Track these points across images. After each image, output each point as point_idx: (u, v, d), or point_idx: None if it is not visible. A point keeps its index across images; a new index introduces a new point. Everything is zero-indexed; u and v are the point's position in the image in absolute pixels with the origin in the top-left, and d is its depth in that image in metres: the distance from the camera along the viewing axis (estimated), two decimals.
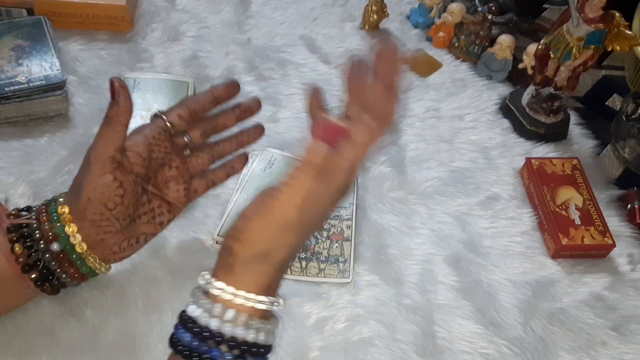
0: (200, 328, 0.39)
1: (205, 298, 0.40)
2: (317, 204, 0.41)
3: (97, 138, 0.46)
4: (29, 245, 0.47)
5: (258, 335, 0.40)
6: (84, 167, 0.47)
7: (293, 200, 0.40)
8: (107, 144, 0.46)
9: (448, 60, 0.83)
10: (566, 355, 0.57)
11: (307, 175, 0.40)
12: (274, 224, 0.40)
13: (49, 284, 0.48)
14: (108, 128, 0.46)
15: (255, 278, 0.40)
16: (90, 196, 0.46)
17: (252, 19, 0.85)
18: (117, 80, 0.46)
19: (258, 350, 0.40)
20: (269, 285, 0.41)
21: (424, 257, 0.62)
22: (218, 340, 0.39)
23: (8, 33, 0.69)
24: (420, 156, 0.71)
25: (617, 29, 0.64)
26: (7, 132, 0.66)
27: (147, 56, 0.77)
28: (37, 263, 0.47)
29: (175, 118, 0.50)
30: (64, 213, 0.47)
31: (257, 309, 0.40)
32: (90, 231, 0.47)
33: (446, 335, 0.57)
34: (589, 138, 0.76)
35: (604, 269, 0.64)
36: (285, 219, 0.40)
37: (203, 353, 0.39)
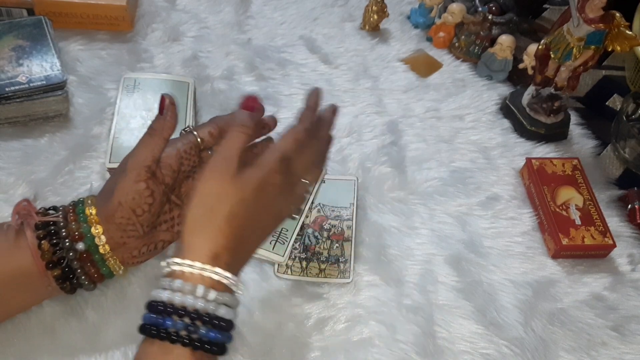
0: (156, 303, 0.43)
1: (165, 278, 0.44)
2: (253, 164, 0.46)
3: (138, 146, 0.49)
4: (55, 243, 0.48)
5: (208, 305, 0.42)
6: (119, 172, 0.49)
7: (225, 152, 0.46)
8: (146, 154, 0.48)
9: (448, 60, 0.83)
10: (566, 355, 0.57)
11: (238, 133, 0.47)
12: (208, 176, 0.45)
13: (68, 283, 0.49)
14: (150, 139, 0.48)
15: (201, 245, 0.43)
16: (121, 200, 0.47)
17: (252, 19, 0.85)
18: (168, 97, 0.49)
19: (212, 321, 0.42)
20: (218, 254, 0.43)
21: (425, 257, 0.62)
22: (169, 310, 0.42)
23: (8, 33, 0.69)
24: (420, 156, 0.71)
25: (617, 29, 0.64)
26: (7, 132, 0.66)
27: (148, 56, 0.77)
28: (61, 261, 0.48)
29: (206, 135, 0.51)
30: (91, 214, 0.48)
31: (212, 279, 0.43)
32: (114, 234, 0.48)
33: (446, 335, 0.57)
34: (589, 138, 0.77)
35: (604, 269, 0.64)
36: (220, 169, 0.45)
37: (159, 325, 0.42)
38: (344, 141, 0.72)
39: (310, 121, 0.52)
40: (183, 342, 0.42)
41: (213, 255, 0.44)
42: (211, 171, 0.45)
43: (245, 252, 0.48)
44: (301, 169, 0.50)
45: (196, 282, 0.43)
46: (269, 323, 0.56)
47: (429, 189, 0.68)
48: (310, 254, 0.61)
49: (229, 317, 0.44)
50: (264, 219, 0.48)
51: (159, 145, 0.48)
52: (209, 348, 0.43)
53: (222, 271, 0.44)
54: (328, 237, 0.62)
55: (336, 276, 0.59)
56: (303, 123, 0.51)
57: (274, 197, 0.48)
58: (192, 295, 0.42)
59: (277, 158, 0.47)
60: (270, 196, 0.47)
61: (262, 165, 0.47)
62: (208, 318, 0.43)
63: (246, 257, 0.48)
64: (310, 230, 0.62)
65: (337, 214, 0.64)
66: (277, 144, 0.49)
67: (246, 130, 0.47)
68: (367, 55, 0.82)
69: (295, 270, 0.59)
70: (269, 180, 0.47)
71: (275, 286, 0.59)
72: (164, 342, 0.42)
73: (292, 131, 0.50)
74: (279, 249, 0.59)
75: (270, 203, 0.48)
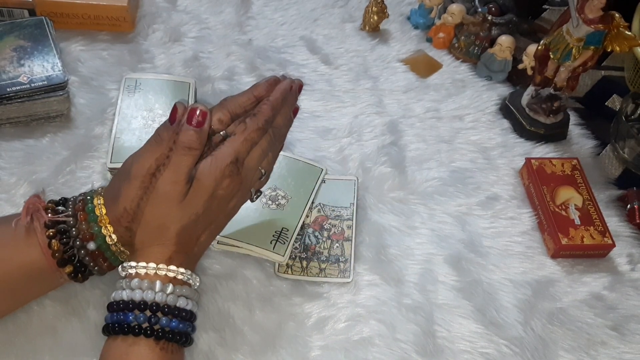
0: (117, 302, 0.46)
1: (121, 280, 0.47)
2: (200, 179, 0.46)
3: (143, 153, 0.47)
4: (65, 242, 0.48)
5: (167, 297, 0.46)
6: (123, 175, 0.48)
7: (173, 177, 0.46)
8: (151, 161, 0.47)
9: (448, 60, 0.83)
10: (566, 354, 0.57)
11: (185, 156, 0.46)
12: (158, 201, 0.46)
13: (80, 275, 0.50)
14: (157, 146, 0.47)
15: (154, 252, 0.47)
16: (126, 207, 0.47)
17: (253, 20, 0.85)
18: (181, 107, 0.47)
19: (172, 311, 0.46)
20: (170, 257, 0.47)
21: (424, 257, 0.63)
22: (130, 306, 0.45)
23: (10, 34, 0.69)
24: (420, 156, 0.72)
25: (616, 30, 0.64)
26: (9, 132, 0.67)
27: (149, 57, 0.78)
28: (72, 258, 0.49)
29: (216, 123, 0.49)
30: (101, 214, 0.48)
31: (167, 276, 0.46)
32: (124, 234, 0.48)
33: (446, 334, 0.57)
34: (588, 138, 0.77)
35: (604, 268, 0.64)
36: (169, 195, 0.46)
37: (121, 322, 0.45)
38: (344, 141, 0.72)
39: (265, 117, 0.50)
40: (146, 333, 0.44)
41: (166, 258, 0.47)
42: (159, 197, 0.46)
43: (199, 250, 0.50)
44: (254, 163, 0.50)
45: (153, 279, 0.46)
46: (270, 322, 0.56)
47: (429, 189, 0.69)
48: (311, 254, 0.61)
49: (189, 308, 0.47)
50: (218, 219, 0.50)
51: (165, 153, 0.47)
52: (172, 337, 0.45)
53: (176, 268, 0.47)
54: (328, 237, 0.62)
55: (336, 276, 0.60)
56: (257, 121, 0.49)
57: (226, 200, 0.49)
58: (150, 290, 0.45)
59: (226, 165, 0.47)
60: (222, 201, 0.48)
61: (210, 176, 0.46)
62: (168, 309, 0.46)
63: (199, 253, 0.51)
64: (310, 230, 0.63)
65: (337, 214, 0.64)
66: (225, 149, 0.47)
67: (192, 152, 0.46)
68: (367, 55, 0.83)
69: (296, 270, 0.60)
70: (218, 190, 0.47)
71: (275, 286, 0.59)
72: (127, 335, 0.44)
73: (242, 131, 0.48)
74: (280, 248, 0.60)
75: (222, 206, 0.49)
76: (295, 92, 0.54)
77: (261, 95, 0.52)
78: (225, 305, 0.57)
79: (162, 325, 0.45)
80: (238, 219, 0.61)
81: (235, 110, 0.50)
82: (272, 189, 0.64)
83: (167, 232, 0.47)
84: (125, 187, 0.47)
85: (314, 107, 0.75)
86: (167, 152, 0.47)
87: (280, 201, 0.63)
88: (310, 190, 0.65)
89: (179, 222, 0.47)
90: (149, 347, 0.45)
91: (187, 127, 0.46)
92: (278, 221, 0.62)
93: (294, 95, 0.54)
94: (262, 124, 0.49)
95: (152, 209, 0.47)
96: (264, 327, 0.56)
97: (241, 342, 0.54)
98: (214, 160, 0.47)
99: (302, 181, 0.65)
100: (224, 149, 0.47)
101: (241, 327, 0.55)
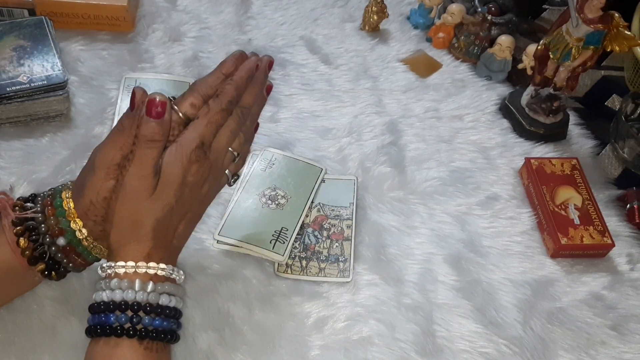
0: (97, 304, 0.45)
1: (100, 281, 0.45)
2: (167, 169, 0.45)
3: (106, 143, 0.46)
4: (35, 239, 0.47)
5: (148, 296, 0.44)
6: (88, 167, 0.47)
7: (139, 172, 0.45)
8: (114, 151, 0.45)
9: (448, 60, 0.83)
10: (565, 354, 0.57)
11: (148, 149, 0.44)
12: (128, 198, 0.45)
13: (55, 273, 0.49)
14: (120, 135, 0.46)
15: (131, 249, 0.45)
16: (92, 199, 0.46)
17: (252, 20, 0.85)
18: (139, 92, 0.46)
19: (155, 310, 0.44)
20: (149, 253, 0.46)
21: (424, 256, 0.63)
22: (111, 307, 0.44)
23: (10, 33, 0.70)
24: (420, 156, 0.72)
25: (616, 30, 0.64)
26: (8, 132, 0.67)
27: (148, 57, 0.78)
28: (43, 255, 0.48)
29: (189, 108, 0.47)
30: (69, 208, 0.47)
31: (147, 274, 0.45)
32: (94, 228, 0.47)
33: (446, 334, 0.57)
34: (588, 138, 0.77)
35: (603, 268, 0.64)
36: (137, 191, 0.45)
37: (103, 323, 0.44)
38: (343, 141, 0.72)
39: (228, 98, 0.48)
40: (128, 333, 0.43)
41: (144, 255, 0.46)
42: (128, 194, 0.45)
43: (178, 242, 0.49)
44: (223, 145, 0.48)
45: (132, 279, 0.45)
46: (269, 322, 0.56)
47: (429, 188, 0.69)
48: (310, 253, 0.61)
49: (173, 305, 0.46)
50: (193, 207, 0.49)
51: (129, 142, 0.45)
52: (156, 336, 0.44)
53: (156, 264, 0.46)
54: (328, 237, 0.62)
55: (336, 275, 0.60)
56: (220, 102, 0.47)
57: (197, 186, 0.47)
58: (130, 290, 0.44)
59: (191, 151, 0.45)
60: (194, 187, 0.47)
61: (176, 165, 0.45)
62: (150, 307, 0.44)
63: (179, 245, 0.49)
64: (310, 230, 0.63)
65: (336, 214, 0.64)
66: (189, 134, 0.46)
67: (155, 144, 0.45)
68: (367, 55, 0.83)
69: (295, 270, 0.60)
70: (187, 177, 0.46)
71: (275, 285, 0.59)
72: (110, 337, 0.43)
73: (205, 114, 0.47)
74: (279, 248, 0.60)
75: (194, 193, 0.47)
76: (264, 69, 0.52)
77: (229, 72, 0.50)
78: (225, 305, 0.57)
79: (144, 325, 0.44)
80: (238, 219, 0.61)
81: (206, 91, 0.48)
82: (272, 188, 0.64)
83: (141, 228, 0.45)
84: (90, 178, 0.46)
85: (313, 107, 0.75)
86: (130, 141, 0.45)
87: (279, 201, 0.63)
88: (310, 189, 0.65)
89: (153, 216, 0.45)
90: (132, 347, 0.44)
91: (147, 119, 0.44)
92: (278, 221, 0.62)
93: (263, 72, 0.52)
94: (226, 104, 0.48)
95: (123, 206, 0.45)
96: (263, 327, 0.56)
97: (241, 341, 0.54)
98: (178, 148, 0.45)
99: (301, 181, 0.65)
100: (187, 134, 0.46)
101: (241, 326, 0.56)
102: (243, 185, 0.64)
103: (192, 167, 0.46)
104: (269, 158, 0.67)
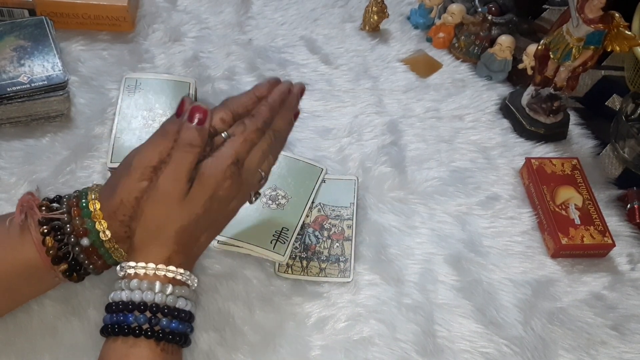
0: (116, 303, 0.46)
1: (119, 281, 0.46)
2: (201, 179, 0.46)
3: (146, 145, 0.47)
4: (60, 239, 0.48)
5: (167, 298, 0.46)
6: (123, 168, 0.47)
7: (174, 175, 0.46)
8: (153, 154, 0.46)
9: (448, 60, 0.83)
10: (566, 354, 0.57)
11: (186, 153, 0.46)
12: (158, 199, 0.46)
13: (76, 274, 0.50)
14: (162, 139, 0.47)
15: (153, 251, 0.46)
16: (123, 199, 0.46)
17: (253, 20, 0.85)
18: (188, 100, 0.47)
19: (172, 312, 0.46)
20: (170, 257, 0.46)
21: (424, 256, 0.63)
22: (130, 307, 0.45)
23: (10, 33, 0.69)
24: (420, 156, 0.72)
25: (616, 30, 0.64)
26: (9, 132, 0.67)
27: (149, 57, 0.78)
28: (67, 255, 0.48)
29: (218, 122, 0.49)
30: (95, 210, 0.47)
31: (166, 277, 0.46)
32: (119, 229, 0.48)
33: (446, 334, 0.57)
34: (588, 138, 0.77)
35: (604, 268, 0.64)
36: (169, 194, 0.46)
37: (121, 323, 0.45)
38: (344, 141, 0.72)
39: (263, 118, 0.50)
40: (146, 334, 0.44)
41: (165, 258, 0.46)
42: (159, 195, 0.46)
43: (198, 250, 0.50)
44: (255, 165, 0.49)
45: (152, 280, 0.46)
46: (270, 322, 0.56)
47: (429, 188, 0.69)
48: (311, 254, 0.61)
49: (189, 309, 0.47)
50: (217, 220, 0.50)
51: (168, 146, 0.46)
52: (172, 338, 0.45)
53: (176, 268, 0.47)
54: (328, 237, 0.62)
55: (336, 275, 0.60)
56: (255, 121, 0.49)
57: (226, 201, 0.48)
58: (150, 291, 0.45)
59: (227, 166, 0.47)
60: (222, 202, 0.48)
61: (211, 177, 0.46)
62: (168, 310, 0.45)
63: (198, 253, 0.51)
64: (310, 230, 0.63)
65: (337, 214, 0.64)
66: (226, 150, 0.47)
67: (194, 149, 0.46)
68: (367, 55, 0.83)
69: (296, 270, 0.60)
70: (218, 191, 0.47)
71: (275, 285, 0.59)
72: (128, 337, 0.44)
73: (241, 132, 0.48)
74: (280, 248, 0.60)
75: (222, 207, 0.49)
76: (296, 95, 0.54)
77: (263, 95, 0.52)
78: (226, 305, 0.57)
79: (162, 327, 0.45)
80: (238, 219, 0.61)
81: (237, 109, 0.50)
82: (272, 188, 0.64)
83: (166, 232, 0.46)
84: (125, 178, 0.46)
85: (314, 107, 0.75)
86: (169, 145, 0.46)
87: (280, 201, 0.63)
88: (310, 190, 0.65)
89: (179, 222, 0.46)
90: (150, 348, 0.45)
91: (188, 124, 0.46)
92: (278, 221, 0.62)
93: (295, 98, 0.54)
94: (261, 124, 0.49)
95: (152, 207, 0.46)
96: (264, 327, 0.56)
97: (241, 341, 0.54)
98: (215, 161, 0.47)
99: (302, 181, 0.65)
100: (224, 149, 0.47)
101: (241, 326, 0.56)
102: None
103: (226, 182, 0.47)
104: None
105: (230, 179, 0.47)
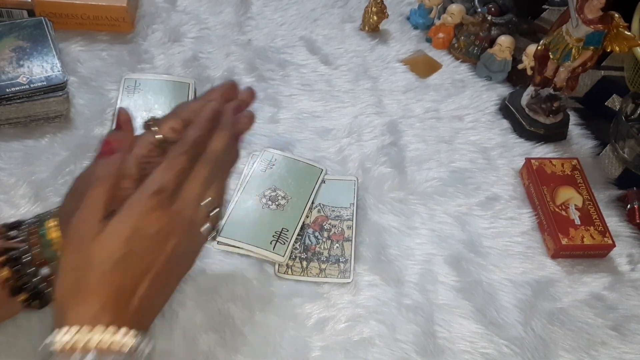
0: None
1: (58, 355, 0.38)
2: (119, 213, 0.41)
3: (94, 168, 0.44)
4: (18, 269, 0.46)
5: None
6: (77, 195, 0.43)
7: (84, 213, 0.41)
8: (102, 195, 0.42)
9: (448, 61, 0.83)
10: (566, 354, 0.57)
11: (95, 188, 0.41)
12: (69, 261, 0.40)
13: (38, 301, 0.47)
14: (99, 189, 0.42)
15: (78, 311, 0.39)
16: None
17: (252, 20, 0.85)
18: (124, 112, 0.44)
19: None
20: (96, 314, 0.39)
21: (424, 257, 0.63)
22: None
23: (9, 34, 0.69)
24: (420, 157, 0.72)
25: (616, 30, 0.64)
26: (8, 133, 0.67)
27: (148, 57, 0.78)
28: (26, 285, 0.46)
29: (169, 132, 0.45)
30: (54, 238, 0.45)
31: (88, 344, 0.38)
32: None
33: (446, 335, 0.57)
34: (588, 138, 0.77)
35: (604, 268, 0.64)
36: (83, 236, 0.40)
37: None
38: (343, 141, 0.72)
39: (190, 141, 0.43)
40: None
41: (91, 316, 0.39)
42: (71, 239, 0.41)
43: (142, 303, 0.41)
44: (193, 196, 0.43)
45: (69, 355, 0.37)
46: (270, 323, 0.56)
47: (429, 189, 0.69)
48: (311, 254, 0.61)
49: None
50: (156, 264, 0.42)
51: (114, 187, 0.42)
52: None
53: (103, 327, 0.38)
54: (328, 237, 0.62)
55: (336, 276, 0.60)
56: (182, 145, 0.43)
57: (159, 238, 0.41)
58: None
59: (148, 196, 0.41)
60: (154, 239, 0.41)
61: (131, 208, 0.41)
62: None
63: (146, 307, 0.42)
64: (310, 231, 0.63)
65: (337, 214, 0.64)
66: (149, 179, 0.42)
67: (102, 182, 0.41)
68: (367, 56, 0.83)
69: (296, 270, 0.60)
70: (143, 225, 0.40)
71: (275, 286, 0.59)
72: None
73: (167, 160, 0.42)
74: (280, 249, 0.60)
75: (156, 247, 0.41)
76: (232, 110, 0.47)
77: (216, 99, 0.47)
78: (225, 305, 0.57)
79: None
80: (238, 220, 0.61)
81: (188, 116, 0.45)
82: (272, 189, 0.64)
83: (85, 282, 0.39)
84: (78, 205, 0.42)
85: (313, 107, 0.75)
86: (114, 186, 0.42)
87: (280, 201, 0.63)
88: (310, 190, 0.65)
89: (96, 266, 0.39)
90: None
91: (97, 160, 0.43)
92: (278, 221, 0.62)
93: (229, 117, 0.47)
94: (188, 147, 0.43)
95: (67, 255, 0.40)
96: (264, 328, 0.56)
97: (241, 342, 0.54)
98: (137, 192, 0.41)
99: (302, 181, 0.65)
100: (148, 179, 0.42)
101: (241, 327, 0.55)
102: (243, 186, 0.64)
103: (152, 214, 0.41)
104: (269, 159, 0.67)
105: (157, 210, 0.41)
